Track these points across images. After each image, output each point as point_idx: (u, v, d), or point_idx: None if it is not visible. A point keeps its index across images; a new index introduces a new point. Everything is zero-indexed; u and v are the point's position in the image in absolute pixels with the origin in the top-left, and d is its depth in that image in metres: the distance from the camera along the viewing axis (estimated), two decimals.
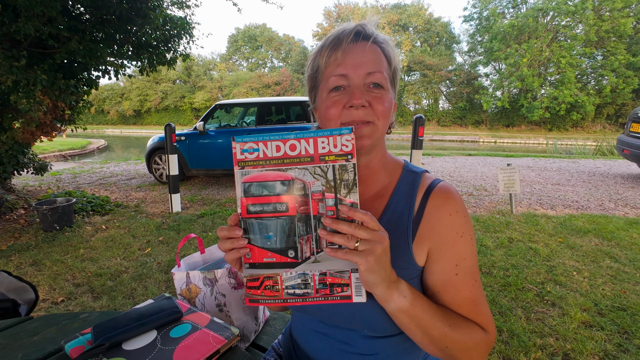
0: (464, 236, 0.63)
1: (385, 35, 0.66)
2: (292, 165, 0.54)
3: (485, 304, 0.65)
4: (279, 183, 0.54)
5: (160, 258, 2.94)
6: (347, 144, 0.54)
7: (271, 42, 34.43)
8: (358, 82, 0.62)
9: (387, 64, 0.64)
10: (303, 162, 0.54)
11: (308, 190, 0.54)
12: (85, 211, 4.13)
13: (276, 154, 0.53)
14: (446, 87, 26.40)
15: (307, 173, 0.54)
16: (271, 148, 0.53)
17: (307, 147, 0.54)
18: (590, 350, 1.78)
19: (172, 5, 4.63)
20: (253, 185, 0.54)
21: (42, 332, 0.83)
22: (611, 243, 3.18)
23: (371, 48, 0.63)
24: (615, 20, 18.39)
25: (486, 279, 2.53)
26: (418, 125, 3.98)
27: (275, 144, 0.53)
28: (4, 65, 3.19)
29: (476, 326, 0.63)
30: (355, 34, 0.62)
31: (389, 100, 0.63)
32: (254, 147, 0.53)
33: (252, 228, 0.54)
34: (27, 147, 4.31)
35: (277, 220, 0.54)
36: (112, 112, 31.46)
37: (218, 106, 6.01)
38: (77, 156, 11.69)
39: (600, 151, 10.71)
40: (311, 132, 0.54)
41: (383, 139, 0.69)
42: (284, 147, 0.53)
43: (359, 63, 0.61)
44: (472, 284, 0.64)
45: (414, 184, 0.68)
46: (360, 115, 0.61)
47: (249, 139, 0.53)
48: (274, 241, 0.54)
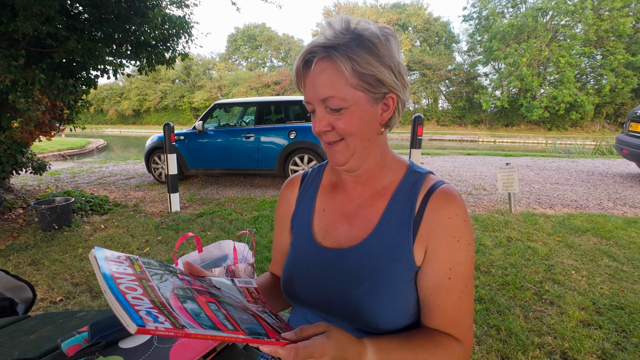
0: (461, 241, 0.63)
1: (358, 29, 0.60)
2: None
3: (469, 313, 0.64)
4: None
5: (159, 257, 2.94)
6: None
7: (270, 41, 34.38)
8: (319, 109, 0.63)
9: (343, 74, 0.59)
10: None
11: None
12: (83, 211, 4.12)
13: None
14: (445, 87, 26.40)
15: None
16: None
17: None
18: (588, 348, 1.79)
19: (171, 5, 4.63)
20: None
21: (39, 331, 0.83)
22: (609, 242, 3.18)
23: (320, 68, 0.59)
24: (615, 19, 18.40)
25: (485, 278, 2.54)
26: (417, 125, 3.98)
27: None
28: (2, 64, 3.19)
29: (450, 343, 0.62)
30: (304, 63, 0.62)
31: (355, 117, 0.61)
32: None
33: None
34: (25, 146, 4.30)
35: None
36: (111, 111, 31.39)
37: (217, 105, 6.00)
38: (76, 156, 11.68)
39: (599, 150, 10.72)
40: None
41: (376, 143, 0.67)
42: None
43: (314, 89, 0.61)
44: (463, 290, 0.63)
45: (417, 184, 0.67)
46: (330, 138, 0.64)
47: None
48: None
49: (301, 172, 0.84)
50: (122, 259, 0.47)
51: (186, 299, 0.46)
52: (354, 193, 0.72)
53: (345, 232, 0.70)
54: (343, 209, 0.72)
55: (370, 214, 0.69)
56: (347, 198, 0.73)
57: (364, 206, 0.71)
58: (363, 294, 0.63)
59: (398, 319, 0.63)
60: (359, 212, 0.70)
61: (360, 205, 0.71)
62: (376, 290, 0.63)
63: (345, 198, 0.73)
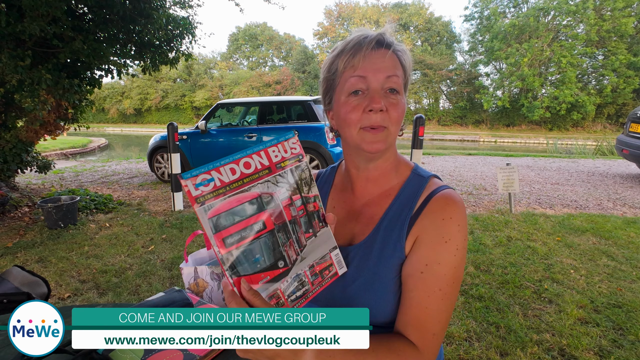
0: (449, 243, 0.62)
1: (402, 44, 0.69)
2: (253, 183, 0.52)
3: (437, 319, 0.61)
4: (247, 204, 0.51)
5: (164, 255, 2.99)
6: (295, 147, 0.58)
7: (272, 40, 34.39)
8: (377, 86, 0.64)
9: (403, 72, 0.68)
10: (262, 176, 0.53)
11: (277, 200, 0.54)
12: (88, 209, 4.17)
13: (233, 177, 0.50)
14: (447, 87, 26.39)
15: (270, 184, 0.54)
16: (226, 173, 0.50)
17: (260, 160, 0.54)
18: (586, 345, 1.82)
19: (175, 5, 4.67)
20: (221, 217, 0.49)
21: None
22: (608, 242, 3.22)
23: (390, 56, 0.66)
24: (617, 19, 18.38)
25: (485, 277, 2.57)
26: (418, 125, 4.02)
27: (229, 167, 0.50)
28: (9, 64, 3.23)
29: (405, 350, 0.59)
30: (377, 42, 0.65)
31: (402, 107, 0.67)
32: (207, 177, 0.48)
33: (237, 260, 0.50)
34: (30, 145, 4.35)
35: (259, 240, 0.52)
36: (113, 110, 31.45)
37: (219, 105, 6.05)
38: (78, 154, 11.74)
39: (600, 151, 10.73)
40: (259, 145, 0.54)
41: (394, 142, 0.72)
42: (239, 167, 0.51)
43: (379, 68, 0.64)
44: (434, 292, 0.61)
45: (420, 187, 0.70)
46: (378, 120, 0.64)
47: (199, 172, 0.48)
48: (263, 261, 0.52)
49: (315, 172, 0.87)
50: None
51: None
52: (363, 192, 0.76)
53: (351, 229, 0.74)
54: (351, 207, 0.76)
55: (375, 212, 0.72)
56: (356, 196, 0.77)
57: (370, 204, 0.74)
58: (359, 288, 0.66)
59: (394, 312, 0.66)
60: (365, 210, 0.74)
61: (367, 203, 0.75)
62: (372, 285, 0.66)
63: (353, 196, 0.77)
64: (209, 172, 0.49)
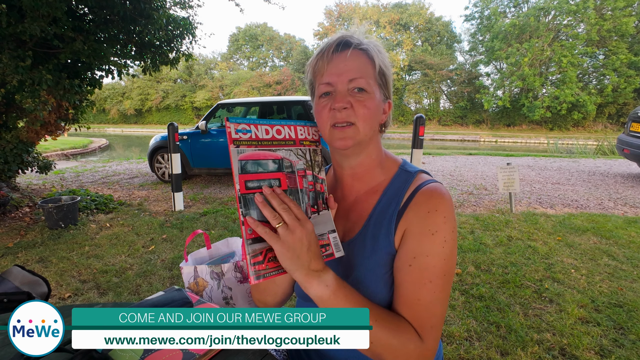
0: (435, 235, 0.63)
1: (373, 40, 0.70)
2: (279, 147, 0.62)
3: (434, 315, 0.62)
4: (271, 161, 0.60)
5: (164, 255, 2.99)
6: (316, 134, 0.70)
7: (272, 41, 34.40)
8: (341, 88, 0.67)
9: (373, 67, 0.68)
10: (288, 145, 0.64)
11: (294, 168, 0.64)
12: (89, 209, 4.18)
13: (266, 136, 0.61)
14: (447, 87, 26.38)
15: (292, 154, 0.64)
16: (261, 131, 0.61)
17: (289, 132, 0.65)
18: (586, 345, 1.82)
19: (175, 6, 4.67)
20: (249, 163, 0.58)
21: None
22: (609, 241, 3.21)
23: (353, 55, 0.67)
24: (617, 19, 18.35)
25: (485, 276, 2.57)
26: (419, 125, 4.02)
27: (265, 127, 0.62)
28: (10, 65, 3.23)
29: (411, 330, 0.61)
30: (336, 44, 0.67)
31: (373, 103, 0.67)
32: (246, 128, 0.59)
33: (251, 203, 0.57)
34: (31, 146, 4.35)
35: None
36: (113, 111, 31.49)
37: (220, 105, 6.05)
38: (79, 155, 11.75)
39: (601, 151, 10.72)
40: (292, 121, 0.66)
41: (375, 139, 0.73)
42: (272, 131, 0.62)
43: (341, 71, 0.66)
44: (425, 285, 0.62)
45: (407, 182, 0.71)
46: (343, 117, 0.66)
47: (243, 121, 0.59)
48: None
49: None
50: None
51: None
52: (351, 189, 0.77)
53: (342, 226, 0.76)
54: (341, 205, 0.77)
55: (363, 208, 0.74)
56: (344, 195, 0.78)
57: (359, 202, 0.75)
58: (352, 285, 0.66)
59: (389, 307, 0.67)
60: (354, 208, 0.76)
61: (355, 201, 0.76)
62: (364, 279, 0.68)
63: (342, 194, 0.78)
64: (249, 124, 0.60)
